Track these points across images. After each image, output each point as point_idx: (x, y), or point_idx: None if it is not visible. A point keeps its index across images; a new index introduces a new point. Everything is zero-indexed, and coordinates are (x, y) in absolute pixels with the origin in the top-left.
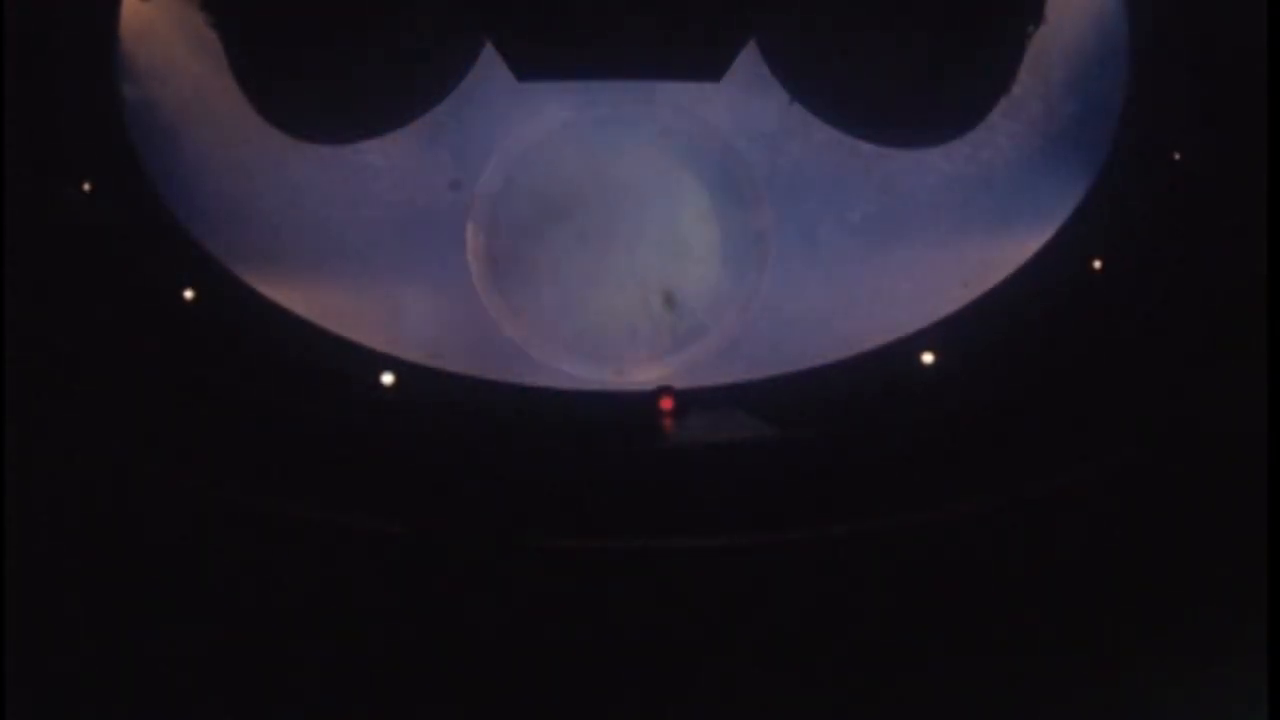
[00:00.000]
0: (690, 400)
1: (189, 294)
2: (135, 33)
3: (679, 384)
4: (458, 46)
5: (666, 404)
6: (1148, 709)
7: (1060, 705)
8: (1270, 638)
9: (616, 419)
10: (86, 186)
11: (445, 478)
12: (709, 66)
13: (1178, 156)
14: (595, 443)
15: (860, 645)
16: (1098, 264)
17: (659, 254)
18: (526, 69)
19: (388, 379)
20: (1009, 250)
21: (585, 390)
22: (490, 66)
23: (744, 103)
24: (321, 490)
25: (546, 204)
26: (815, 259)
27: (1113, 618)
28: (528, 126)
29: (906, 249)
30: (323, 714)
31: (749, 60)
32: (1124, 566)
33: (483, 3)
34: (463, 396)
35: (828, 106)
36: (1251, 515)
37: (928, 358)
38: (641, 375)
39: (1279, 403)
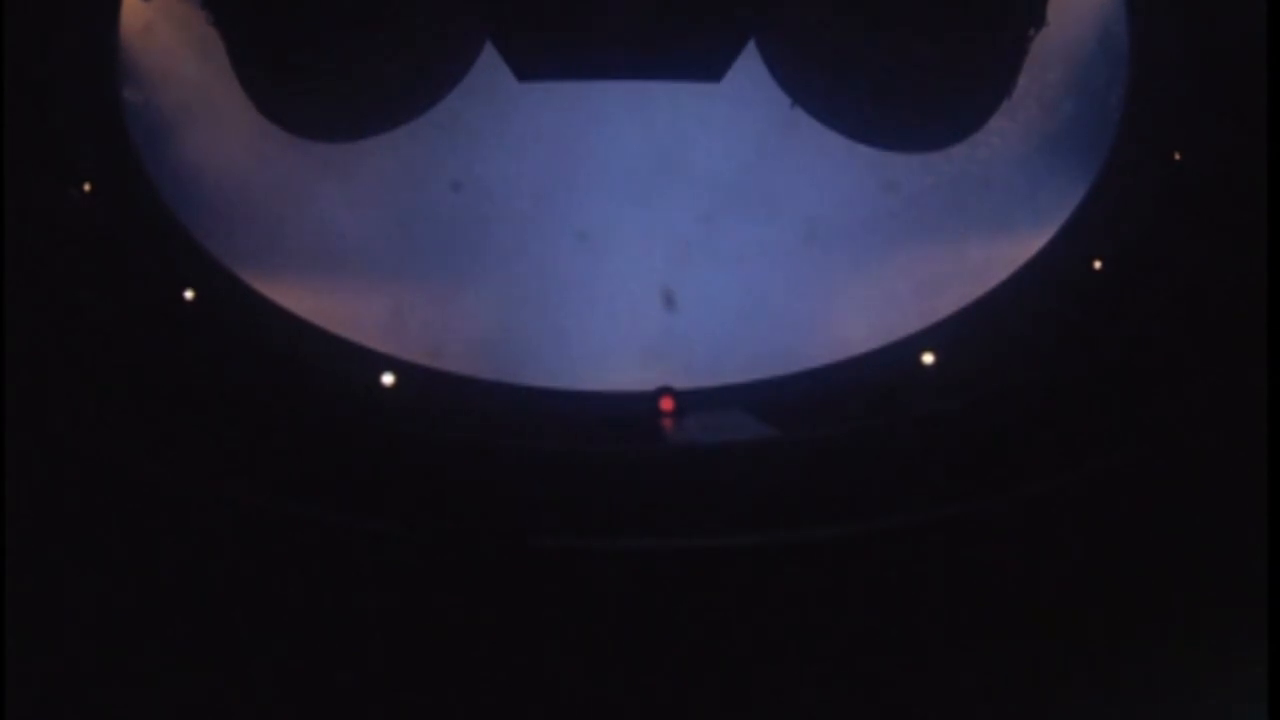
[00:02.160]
0: (690, 400)
1: (189, 294)
2: (135, 33)
3: (679, 384)
4: (458, 46)
5: (666, 404)
6: (1148, 709)
7: (1060, 705)
8: (1270, 638)
9: (616, 419)
10: (87, 187)
11: (445, 478)
12: (709, 67)
13: (1178, 156)
14: (595, 443)
15: (860, 644)
16: (1098, 264)
17: (659, 261)
18: (526, 69)
19: (388, 379)
20: (1009, 250)
21: (585, 390)
22: (490, 66)
23: (744, 103)
24: (322, 490)
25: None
26: (816, 259)
27: (1112, 617)
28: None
29: (906, 249)
30: (323, 712)
31: (749, 60)
32: (1124, 566)
33: (483, 3)
34: (462, 396)
35: (828, 109)
36: (1251, 515)
37: (928, 358)
38: (641, 376)
39: (1279, 403)
